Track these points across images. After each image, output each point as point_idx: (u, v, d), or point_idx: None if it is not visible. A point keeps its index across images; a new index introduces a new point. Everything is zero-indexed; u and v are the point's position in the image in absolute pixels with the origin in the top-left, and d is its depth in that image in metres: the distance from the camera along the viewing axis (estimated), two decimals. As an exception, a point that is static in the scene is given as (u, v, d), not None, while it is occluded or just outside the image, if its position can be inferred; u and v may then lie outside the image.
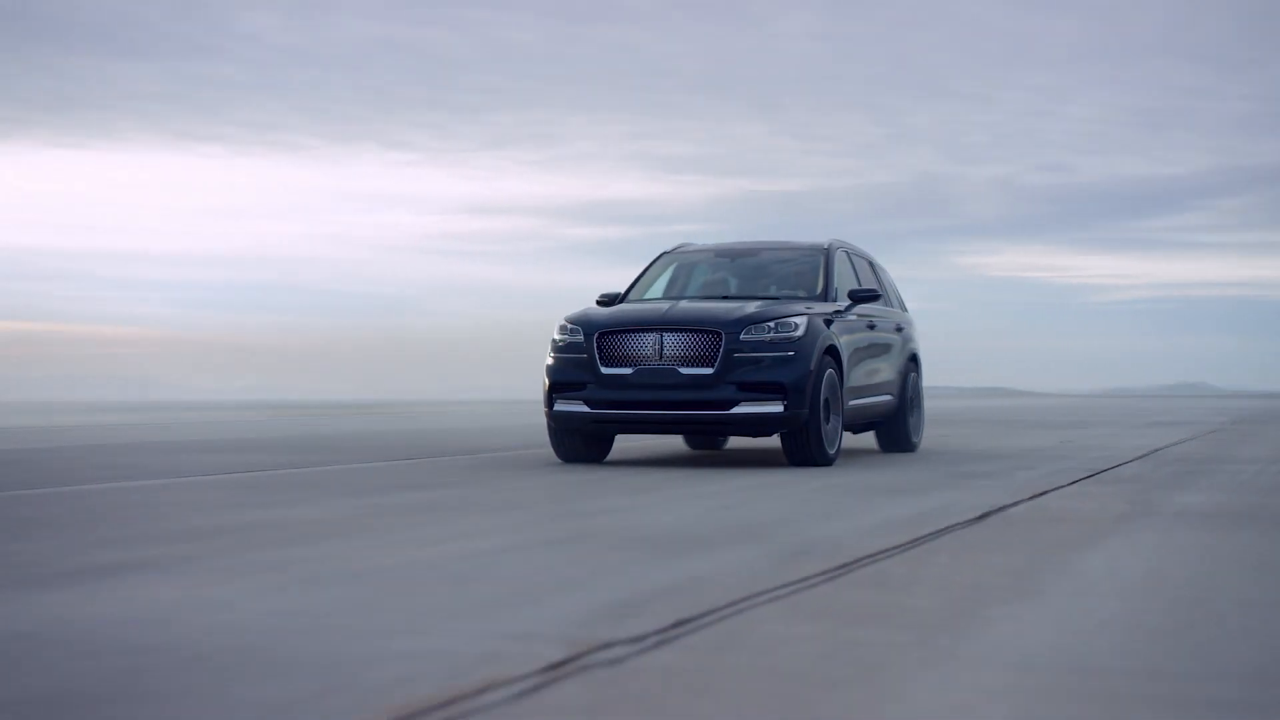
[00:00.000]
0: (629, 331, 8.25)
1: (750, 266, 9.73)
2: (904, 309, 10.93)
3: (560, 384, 8.41)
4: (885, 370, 9.85)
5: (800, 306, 8.46)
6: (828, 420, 8.29)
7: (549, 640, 2.66)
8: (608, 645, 2.61)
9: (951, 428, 16.89)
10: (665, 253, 10.06)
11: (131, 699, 2.25)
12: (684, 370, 8.06)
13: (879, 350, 9.69)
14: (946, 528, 4.79)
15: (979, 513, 5.35)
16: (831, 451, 8.34)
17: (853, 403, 8.93)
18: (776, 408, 7.97)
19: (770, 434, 8.25)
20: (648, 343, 8.16)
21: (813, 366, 8.08)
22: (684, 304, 8.71)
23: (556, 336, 8.58)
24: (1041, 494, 6.32)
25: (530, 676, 2.35)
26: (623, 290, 9.60)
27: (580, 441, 8.69)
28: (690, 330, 8.12)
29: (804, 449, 8.17)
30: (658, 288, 9.73)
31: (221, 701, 2.22)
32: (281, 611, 3.04)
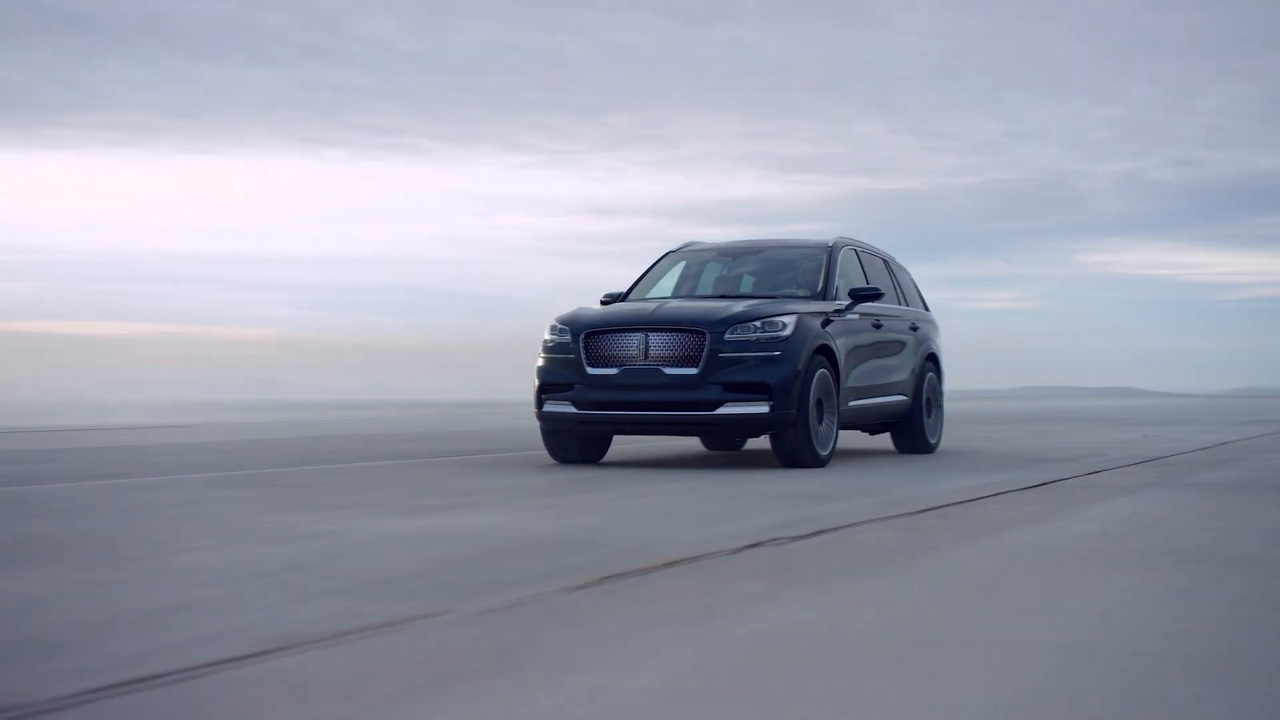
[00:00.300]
0: (615, 332, 8.24)
1: (753, 265, 9.71)
2: (925, 308, 10.96)
3: (548, 385, 8.47)
4: (896, 370, 9.81)
5: (793, 305, 8.42)
6: (820, 421, 8.30)
7: (743, 537, 4.55)
8: (775, 539, 4.50)
9: (1050, 424, 18.45)
10: (671, 251, 10.09)
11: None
12: (669, 371, 8.05)
13: (887, 350, 9.64)
14: (1005, 491, 6.58)
15: (1035, 483, 7.12)
16: (824, 452, 8.31)
17: (853, 403, 8.93)
18: (762, 408, 7.95)
19: (757, 435, 8.26)
20: (633, 343, 8.16)
21: (801, 366, 8.03)
22: (673, 303, 8.68)
23: (546, 337, 8.60)
24: (1094, 472, 8.02)
25: (738, 550, 4.25)
26: (628, 290, 9.71)
27: (573, 442, 8.72)
28: (675, 330, 8.10)
29: (794, 450, 8.14)
30: (662, 286, 9.73)
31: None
32: (607, 522, 4.98)
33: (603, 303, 9.36)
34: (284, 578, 3.54)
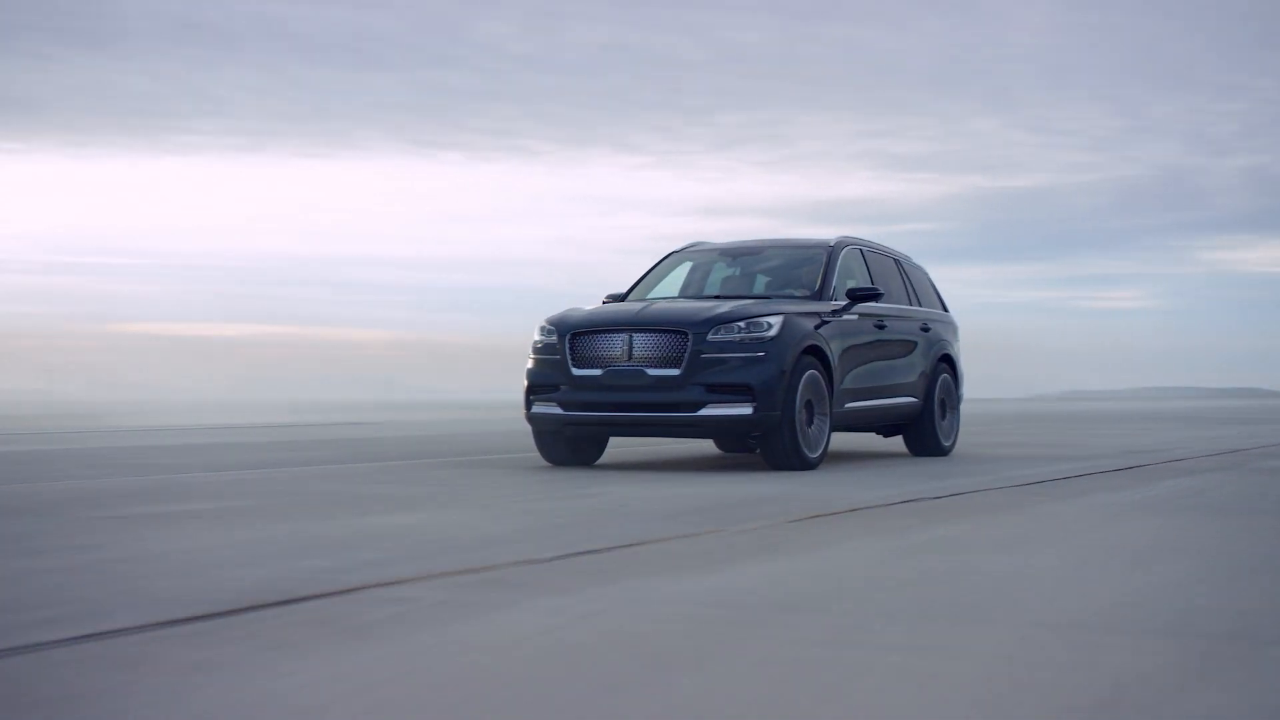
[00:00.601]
0: (599, 332, 8.24)
1: (754, 265, 9.65)
2: (944, 309, 10.85)
3: (536, 386, 8.47)
4: (903, 371, 9.69)
5: (783, 305, 8.39)
6: (810, 423, 8.22)
7: (896, 498, 6.20)
8: (917, 498, 6.13)
9: (1156, 423, 19.67)
10: (674, 252, 10.08)
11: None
12: (651, 372, 8.03)
13: (892, 350, 9.53)
14: (1093, 473, 8.14)
15: (1120, 467, 8.66)
16: (813, 455, 8.21)
17: (851, 405, 8.85)
18: (745, 410, 7.91)
19: (741, 437, 8.23)
20: (618, 344, 8.15)
21: (786, 367, 7.97)
22: (659, 304, 8.68)
23: (535, 337, 8.60)
24: (1174, 460, 9.51)
25: (893, 504, 5.88)
26: (628, 290, 9.71)
27: (563, 444, 8.70)
28: (658, 331, 8.09)
29: (781, 452, 8.07)
30: (665, 287, 9.70)
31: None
32: (793, 489, 6.66)
33: (604, 303, 9.30)
34: (614, 510, 5.30)
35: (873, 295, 9.09)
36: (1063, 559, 3.98)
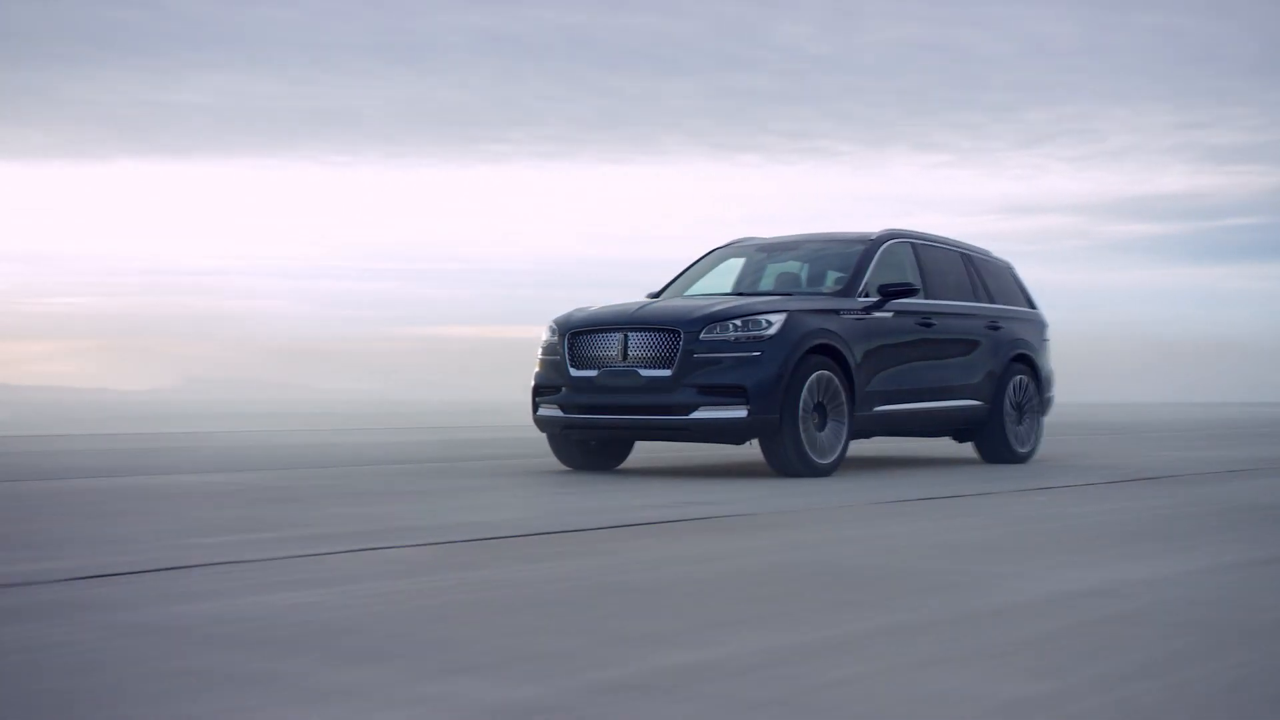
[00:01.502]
0: (597, 332, 7.98)
1: (790, 261, 9.33)
2: (1031, 306, 10.27)
3: (540, 387, 8.25)
4: (960, 372, 9.14)
5: (793, 303, 8.01)
6: (823, 427, 7.80)
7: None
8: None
9: None
10: (717, 248, 9.72)
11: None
12: (644, 372, 7.73)
13: (944, 350, 9.01)
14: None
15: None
16: (824, 461, 7.77)
17: (883, 408, 8.33)
18: (740, 413, 7.53)
19: (739, 441, 7.83)
20: (613, 343, 7.88)
21: (785, 368, 7.56)
22: (660, 302, 8.44)
23: (543, 337, 8.39)
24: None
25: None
26: (663, 288, 9.45)
27: (574, 448, 8.43)
28: (651, 330, 7.79)
29: (783, 458, 7.65)
30: (706, 284, 9.33)
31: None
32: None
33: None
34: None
35: (907, 291, 8.55)
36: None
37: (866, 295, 8.41)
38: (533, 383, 8.30)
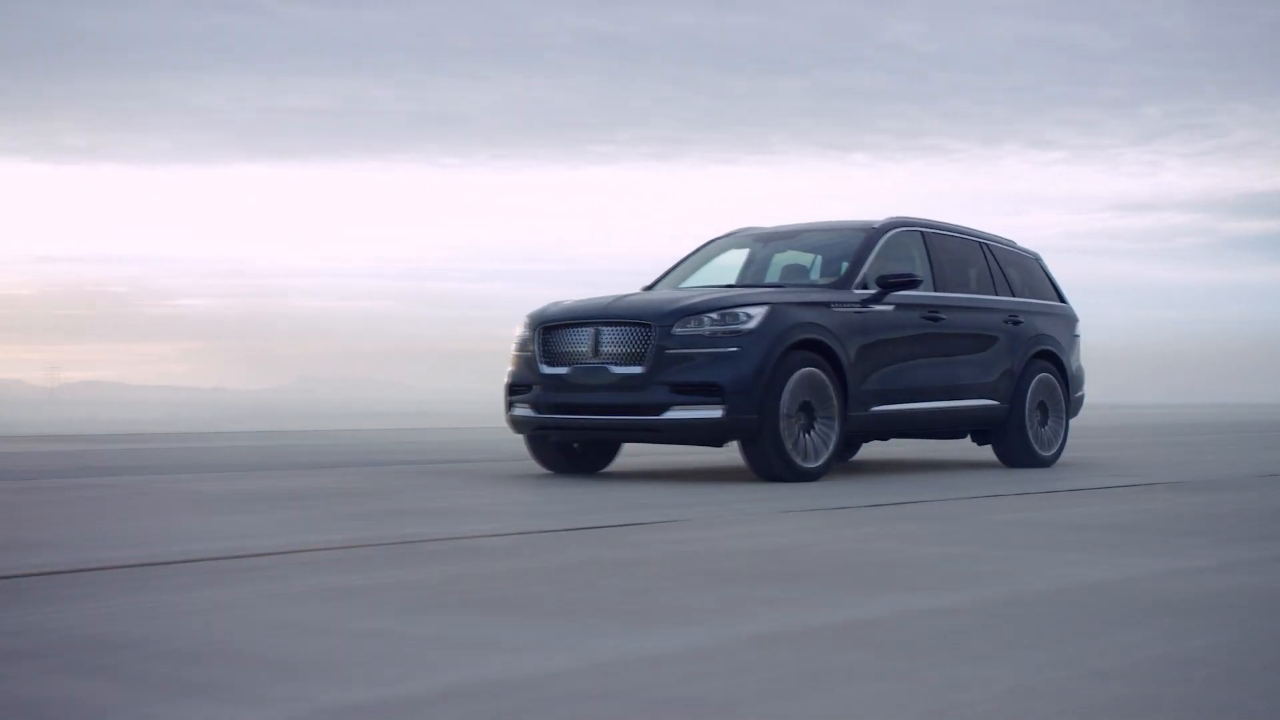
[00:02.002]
0: (569, 326, 7.57)
1: (787, 252, 8.89)
2: (1061, 300, 9.70)
3: (514, 385, 7.85)
4: (973, 369, 8.57)
5: (777, 295, 7.56)
6: (810, 428, 7.32)
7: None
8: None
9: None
10: (716, 238, 9.29)
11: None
12: (615, 369, 7.30)
13: (954, 346, 8.48)
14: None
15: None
16: (810, 464, 7.29)
17: (880, 408, 7.81)
18: (715, 413, 7.08)
19: (715, 443, 7.48)
20: (585, 339, 7.46)
21: (766, 364, 7.09)
22: (637, 294, 8.10)
23: (516, 332, 7.97)
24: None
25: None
26: (657, 279, 9.04)
27: (553, 450, 8.01)
28: (623, 324, 7.36)
29: (765, 461, 7.20)
30: (704, 275, 8.91)
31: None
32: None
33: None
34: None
35: (908, 282, 7.95)
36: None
37: (864, 287, 7.90)
38: (506, 380, 7.90)
